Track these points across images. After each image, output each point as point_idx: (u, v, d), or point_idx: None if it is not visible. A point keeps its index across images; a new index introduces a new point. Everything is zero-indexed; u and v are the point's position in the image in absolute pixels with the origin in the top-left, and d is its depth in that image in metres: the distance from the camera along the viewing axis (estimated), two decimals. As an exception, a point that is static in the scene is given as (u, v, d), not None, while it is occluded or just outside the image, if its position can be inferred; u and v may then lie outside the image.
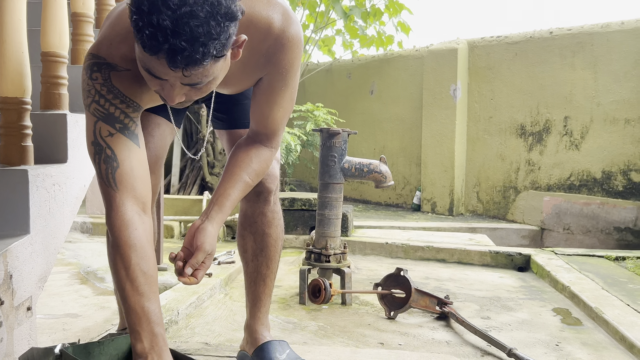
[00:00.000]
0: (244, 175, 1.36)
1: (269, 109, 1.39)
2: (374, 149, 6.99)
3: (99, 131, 1.19)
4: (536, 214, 5.35)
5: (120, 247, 1.17)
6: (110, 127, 1.19)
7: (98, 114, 1.19)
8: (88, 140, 1.21)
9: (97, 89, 1.19)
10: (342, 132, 2.63)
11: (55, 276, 2.82)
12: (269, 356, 1.54)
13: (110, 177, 1.18)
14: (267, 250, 1.61)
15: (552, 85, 5.29)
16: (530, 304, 2.70)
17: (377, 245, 3.84)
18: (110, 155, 1.18)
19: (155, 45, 1.01)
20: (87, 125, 1.22)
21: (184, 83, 1.09)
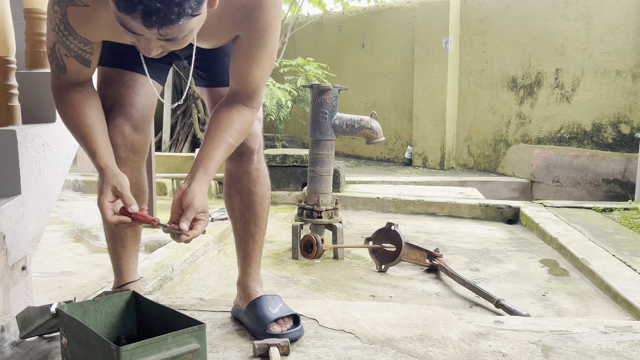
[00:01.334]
0: (227, 136, 1.36)
1: (248, 68, 1.38)
2: (365, 104, 6.96)
3: (58, 49, 1.31)
4: (526, 167, 5.39)
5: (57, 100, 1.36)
6: (66, 51, 1.31)
7: (57, 39, 1.29)
8: (47, 47, 1.34)
9: (56, 22, 1.27)
10: (333, 88, 2.61)
11: (50, 234, 2.83)
12: (261, 311, 1.57)
13: (56, 73, 1.34)
14: (253, 208, 1.63)
15: (544, 37, 5.25)
16: (518, 256, 2.76)
17: (368, 200, 3.87)
18: (62, 65, 1.33)
19: (130, 5, 1.02)
20: (48, 37, 1.32)
21: (160, 38, 1.11)
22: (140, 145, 1.52)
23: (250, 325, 1.55)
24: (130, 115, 1.47)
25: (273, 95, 5.52)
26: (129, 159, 1.50)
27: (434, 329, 1.54)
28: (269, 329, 1.48)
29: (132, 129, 1.48)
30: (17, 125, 1.63)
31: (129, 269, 1.66)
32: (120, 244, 1.64)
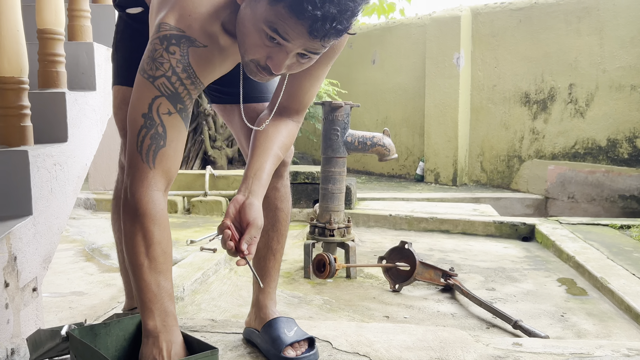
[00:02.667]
0: (276, 148, 1.32)
1: (310, 84, 1.36)
2: (376, 120, 6.95)
3: (158, 107, 1.13)
4: (540, 183, 5.33)
5: (144, 222, 1.13)
6: (171, 106, 1.15)
7: (164, 90, 1.14)
8: (137, 111, 1.14)
9: (172, 64, 1.14)
10: (345, 106, 2.59)
11: (61, 254, 2.82)
12: (277, 333, 1.53)
13: (150, 155, 1.13)
14: (278, 225, 1.58)
15: (557, 52, 5.22)
16: (535, 275, 2.71)
17: (380, 218, 3.83)
18: (160, 133, 1.13)
19: (309, 9, 0.98)
20: (142, 95, 1.14)
21: (305, 52, 1.07)
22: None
23: (265, 347, 1.51)
24: None
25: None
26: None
27: (450, 352, 1.50)
28: (283, 353, 1.44)
29: None
30: (29, 146, 1.63)
31: None
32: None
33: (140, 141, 1.12)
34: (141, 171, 1.13)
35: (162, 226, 1.14)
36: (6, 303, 1.41)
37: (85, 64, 2.07)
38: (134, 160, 1.14)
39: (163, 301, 1.13)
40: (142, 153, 1.12)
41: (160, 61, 1.13)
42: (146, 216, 1.12)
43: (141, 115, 1.13)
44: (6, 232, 1.41)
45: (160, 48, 1.14)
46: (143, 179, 1.13)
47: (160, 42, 1.14)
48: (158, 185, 1.15)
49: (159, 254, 1.14)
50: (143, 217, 1.12)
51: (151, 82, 1.13)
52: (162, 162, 1.14)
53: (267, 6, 1.03)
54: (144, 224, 1.12)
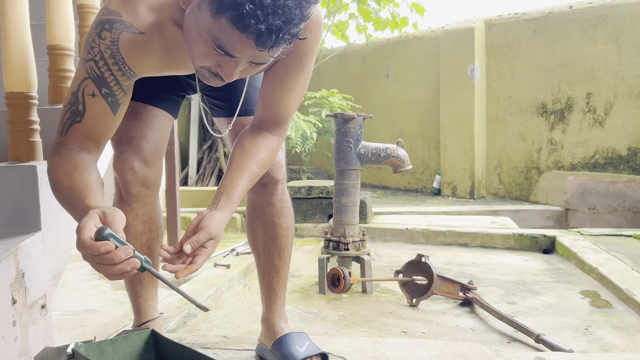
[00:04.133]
0: (252, 165, 1.28)
1: (283, 94, 1.31)
2: (391, 134, 6.91)
3: (84, 88, 1.16)
4: (560, 195, 5.23)
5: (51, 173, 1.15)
6: (96, 89, 1.16)
7: (91, 73, 1.15)
8: (70, 89, 1.18)
9: (100, 49, 1.13)
10: (357, 117, 2.56)
11: (74, 272, 2.81)
12: (288, 349, 1.49)
13: (66, 126, 1.18)
14: (278, 241, 1.55)
15: (573, 61, 5.15)
16: (557, 287, 2.63)
17: (397, 232, 3.78)
18: (80, 110, 1.16)
19: (252, 23, 0.94)
20: (76, 75, 1.18)
21: (254, 62, 1.04)
22: (153, 179, 1.47)
23: None
24: (140, 149, 1.42)
25: (298, 128, 5.51)
26: (141, 194, 1.46)
27: (471, 368, 1.44)
28: None
29: (143, 163, 1.43)
30: (38, 161, 1.61)
31: (147, 306, 1.61)
32: (138, 282, 1.59)
33: (63, 114, 1.18)
34: (56, 138, 1.19)
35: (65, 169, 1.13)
36: (14, 320, 1.38)
37: (95, 80, 2.06)
38: (57, 130, 1.19)
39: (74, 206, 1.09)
40: (60, 124, 1.18)
41: (92, 45, 1.14)
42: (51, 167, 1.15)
43: (71, 93, 1.17)
44: (14, 248, 1.39)
45: (94, 32, 1.14)
46: (55, 144, 1.18)
47: (96, 26, 1.14)
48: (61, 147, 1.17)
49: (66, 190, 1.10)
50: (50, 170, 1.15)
51: (82, 65, 1.16)
52: (73, 133, 1.17)
53: (210, 18, 0.99)
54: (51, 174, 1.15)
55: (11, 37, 1.55)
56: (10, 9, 1.53)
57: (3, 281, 1.34)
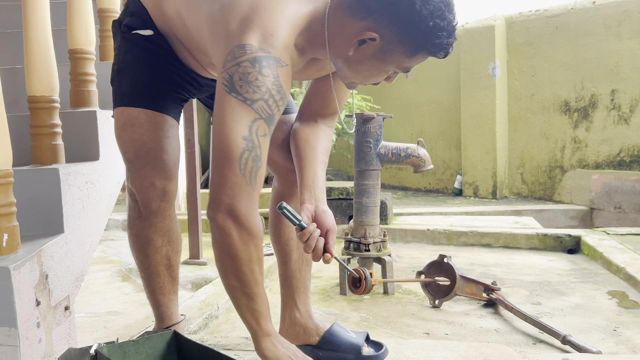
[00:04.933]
0: (321, 155, 1.40)
1: (343, 92, 1.46)
2: (411, 134, 6.86)
3: (257, 129, 1.13)
4: (584, 194, 5.14)
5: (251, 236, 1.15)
6: (267, 129, 1.15)
7: (262, 113, 1.14)
8: (236, 133, 1.12)
9: (268, 87, 1.13)
10: (377, 117, 2.54)
11: (97, 274, 2.84)
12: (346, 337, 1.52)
13: (253, 177, 1.14)
14: None
15: (596, 57, 5.06)
16: (583, 288, 2.58)
17: (418, 232, 3.74)
18: (259, 155, 1.14)
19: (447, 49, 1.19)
20: (240, 117, 1.13)
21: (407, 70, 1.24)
22: (172, 192, 1.47)
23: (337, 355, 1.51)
24: (161, 162, 1.41)
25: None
26: (160, 208, 1.45)
27: (496, 370, 1.41)
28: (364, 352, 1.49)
29: (164, 177, 1.42)
30: (60, 164, 1.63)
31: (170, 313, 1.61)
32: (159, 292, 1.57)
33: (243, 163, 1.12)
34: (247, 193, 1.13)
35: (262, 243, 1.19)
36: (38, 322, 1.39)
37: (116, 83, 2.08)
38: (238, 182, 1.13)
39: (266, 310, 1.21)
40: (245, 175, 1.13)
41: (257, 84, 1.13)
42: (254, 234, 1.15)
43: (242, 137, 1.12)
44: (37, 250, 1.41)
45: (254, 71, 1.12)
46: (251, 201, 1.14)
47: (252, 64, 1.12)
48: (256, 205, 1.17)
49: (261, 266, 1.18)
50: (252, 235, 1.15)
51: (249, 105, 1.13)
52: (259, 183, 1.16)
53: (402, 57, 1.19)
54: (254, 242, 1.15)
55: (33, 42, 1.56)
56: (32, 14, 1.55)
57: (27, 283, 1.35)
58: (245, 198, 1.13)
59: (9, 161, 1.37)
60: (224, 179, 1.13)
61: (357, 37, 1.18)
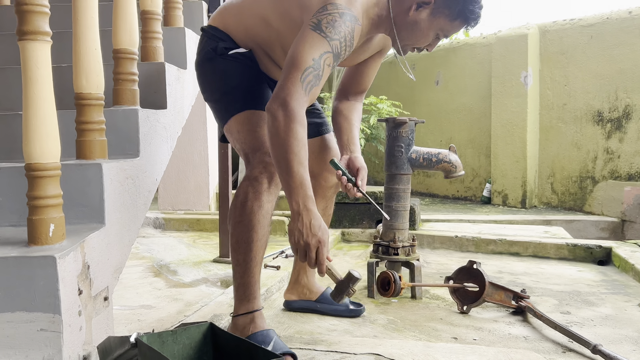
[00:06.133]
0: (355, 122, 1.98)
1: (373, 72, 2.04)
2: (440, 141, 6.84)
3: (325, 59, 1.52)
4: (616, 205, 5.06)
5: (296, 125, 1.47)
6: (332, 61, 1.55)
7: (334, 49, 1.53)
8: (309, 54, 1.50)
9: (345, 33, 1.54)
10: (409, 122, 2.56)
11: (130, 269, 2.91)
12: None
13: (308, 88, 1.50)
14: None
15: (632, 68, 4.99)
16: (613, 299, 2.55)
17: (446, 239, 3.74)
18: (319, 75, 1.51)
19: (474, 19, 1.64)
20: (316, 45, 1.51)
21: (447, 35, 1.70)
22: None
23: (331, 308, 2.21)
24: None
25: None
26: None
27: (525, 375, 1.42)
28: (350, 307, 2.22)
29: None
30: (103, 159, 1.69)
31: (259, 294, 1.75)
32: (258, 268, 1.69)
33: (305, 75, 1.50)
34: (299, 94, 1.49)
35: (304, 131, 1.50)
36: (79, 310, 1.45)
37: (156, 83, 2.14)
38: (296, 86, 1.49)
39: (305, 188, 1.46)
40: (304, 84, 1.49)
41: (339, 29, 1.53)
42: (297, 121, 1.47)
43: (312, 58, 1.50)
44: (81, 241, 1.46)
45: (340, 20, 1.53)
46: (299, 99, 1.49)
47: (340, 15, 1.53)
48: (304, 106, 1.52)
49: (303, 150, 1.48)
50: (295, 121, 1.46)
51: (328, 41, 1.52)
52: (311, 93, 1.53)
53: (445, 21, 1.64)
54: (295, 127, 1.46)
55: (82, 42, 1.63)
56: (82, 14, 1.62)
57: (70, 272, 1.41)
58: (297, 98, 1.48)
59: (58, 155, 1.43)
60: (286, 82, 1.49)
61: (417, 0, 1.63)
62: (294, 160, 1.45)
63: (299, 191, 1.45)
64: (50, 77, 1.40)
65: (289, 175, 1.45)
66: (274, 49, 1.78)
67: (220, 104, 1.82)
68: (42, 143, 1.37)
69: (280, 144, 1.46)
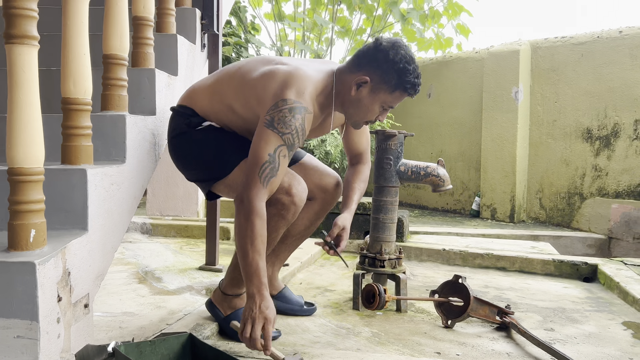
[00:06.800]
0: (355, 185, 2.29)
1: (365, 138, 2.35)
2: (431, 154, 6.87)
3: (279, 152, 1.72)
4: (603, 222, 5.09)
5: (253, 218, 1.67)
6: (287, 153, 1.74)
7: (287, 142, 1.73)
8: (264, 150, 1.71)
9: (296, 126, 1.74)
10: (399, 134, 2.56)
11: (115, 275, 2.88)
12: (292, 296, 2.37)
13: (266, 180, 1.71)
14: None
15: (621, 87, 5.04)
16: (597, 317, 2.55)
17: (433, 252, 3.74)
18: (276, 167, 1.72)
19: (415, 87, 1.86)
20: (271, 141, 1.72)
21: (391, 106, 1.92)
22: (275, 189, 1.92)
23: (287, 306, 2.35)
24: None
25: (337, 144, 5.53)
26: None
27: (506, 392, 1.41)
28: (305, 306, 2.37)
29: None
30: (88, 164, 1.68)
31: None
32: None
33: (262, 170, 1.70)
34: (257, 189, 1.70)
35: (263, 224, 1.69)
36: (58, 317, 1.43)
37: (146, 89, 2.13)
38: (254, 180, 1.70)
39: (260, 276, 1.66)
40: (261, 177, 1.70)
41: (289, 123, 1.73)
42: (256, 214, 1.68)
43: (267, 153, 1.71)
44: (62, 247, 1.45)
45: (289, 115, 1.73)
46: (258, 193, 1.70)
47: (290, 110, 1.74)
48: (263, 198, 1.72)
49: (260, 241, 1.67)
50: (253, 214, 1.67)
51: (280, 136, 1.72)
52: (270, 185, 1.73)
53: (385, 94, 1.86)
54: (253, 219, 1.67)
55: (70, 46, 1.62)
56: (72, 19, 1.61)
57: (50, 278, 1.39)
58: (256, 193, 1.69)
59: (41, 160, 1.42)
60: (246, 178, 1.72)
61: (355, 82, 1.85)
62: (251, 250, 1.66)
63: (253, 278, 1.65)
64: (36, 82, 1.39)
65: (246, 263, 1.66)
66: (243, 132, 1.97)
67: (213, 163, 1.96)
68: (25, 148, 1.36)
69: (242, 235, 1.68)
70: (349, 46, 7.19)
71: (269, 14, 7.41)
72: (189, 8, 2.73)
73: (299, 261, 3.21)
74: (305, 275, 3.19)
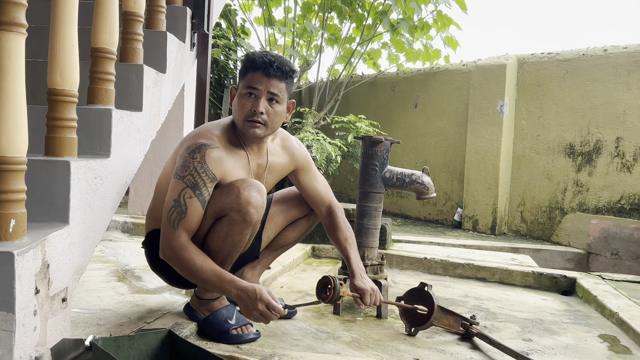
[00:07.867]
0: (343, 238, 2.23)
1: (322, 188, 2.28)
2: (415, 163, 6.90)
3: (184, 195, 1.78)
4: (583, 237, 5.15)
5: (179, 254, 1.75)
6: (192, 193, 1.79)
7: (188, 182, 1.79)
8: (170, 198, 1.79)
9: (194, 165, 1.80)
10: (385, 141, 2.58)
11: (94, 272, 2.84)
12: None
13: (175, 223, 1.77)
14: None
15: (604, 104, 5.12)
16: (575, 329, 2.58)
17: (415, 260, 3.75)
18: (182, 210, 1.77)
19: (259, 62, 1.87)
20: (174, 188, 1.80)
21: (270, 92, 1.87)
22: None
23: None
24: None
25: (323, 150, 5.55)
26: None
27: (483, 399, 1.42)
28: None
29: None
30: (72, 157, 1.66)
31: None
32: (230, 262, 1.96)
33: (169, 215, 1.78)
34: (169, 233, 1.78)
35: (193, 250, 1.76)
36: (35, 310, 1.41)
37: (134, 85, 2.12)
38: (166, 228, 1.78)
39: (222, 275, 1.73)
40: (170, 221, 1.78)
41: (187, 165, 1.81)
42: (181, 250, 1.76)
43: (173, 200, 1.79)
44: (42, 239, 1.43)
45: (188, 157, 1.81)
46: (172, 237, 1.77)
47: (188, 153, 1.82)
48: (180, 237, 1.77)
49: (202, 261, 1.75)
50: (179, 253, 1.75)
51: (181, 180, 1.80)
52: (182, 226, 1.78)
53: (242, 83, 1.91)
54: (182, 254, 1.75)
55: (59, 37, 1.60)
56: (61, 10, 1.59)
57: (29, 270, 1.37)
58: (170, 237, 1.77)
59: (24, 149, 1.40)
60: (162, 230, 1.81)
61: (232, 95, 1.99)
62: (203, 273, 1.73)
63: (222, 285, 1.73)
64: (22, 70, 1.37)
65: (208, 283, 1.75)
66: None
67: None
68: (8, 136, 1.34)
69: (189, 274, 1.76)
70: (338, 54, 7.21)
71: (259, 19, 7.41)
72: (179, 6, 2.72)
73: (281, 265, 3.19)
74: (286, 279, 3.18)
